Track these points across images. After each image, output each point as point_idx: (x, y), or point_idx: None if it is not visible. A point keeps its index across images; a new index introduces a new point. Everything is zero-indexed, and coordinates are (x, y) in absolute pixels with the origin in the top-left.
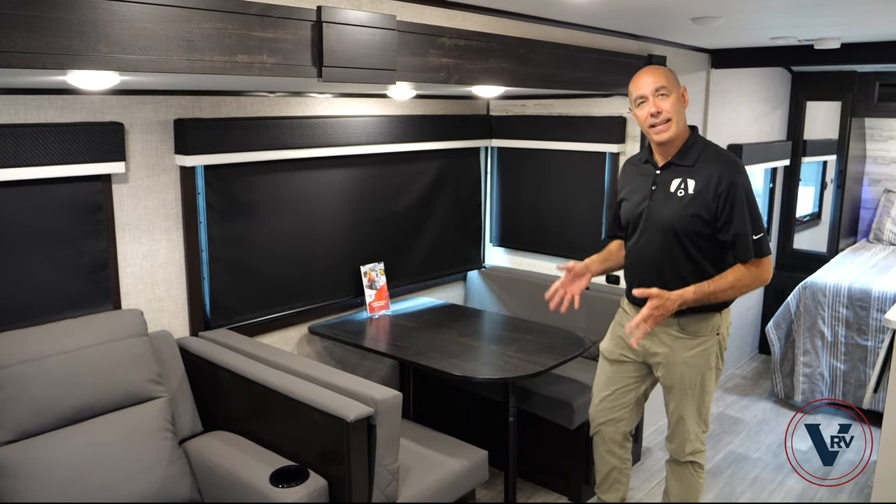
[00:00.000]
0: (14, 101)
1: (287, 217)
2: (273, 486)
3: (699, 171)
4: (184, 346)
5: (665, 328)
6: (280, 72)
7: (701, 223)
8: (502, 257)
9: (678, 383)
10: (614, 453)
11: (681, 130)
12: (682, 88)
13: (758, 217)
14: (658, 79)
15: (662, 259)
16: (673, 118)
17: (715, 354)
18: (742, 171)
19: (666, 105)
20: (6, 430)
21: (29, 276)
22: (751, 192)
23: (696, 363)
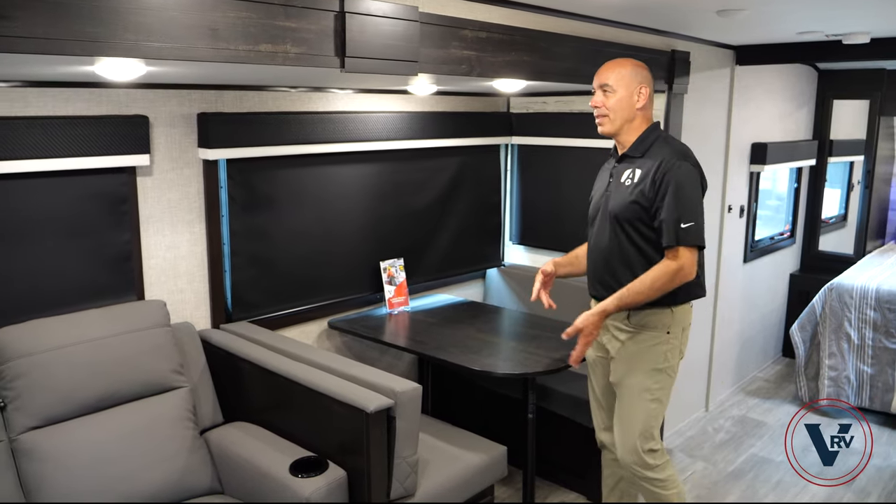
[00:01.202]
0: (43, 94)
1: (307, 212)
2: (293, 476)
3: (645, 161)
4: (205, 338)
5: (617, 323)
6: (303, 61)
7: (640, 210)
8: (522, 255)
9: (621, 381)
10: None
11: (619, 127)
12: (638, 87)
13: (690, 206)
14: (606, 76)
15: (612, 248)
16: (610, 115)
17: (663, 354)
18: (685, 161)
19: (605, 101)
20: (32, 415)
21: (55, 265)
22: (689, 181)
23: (641, 360)
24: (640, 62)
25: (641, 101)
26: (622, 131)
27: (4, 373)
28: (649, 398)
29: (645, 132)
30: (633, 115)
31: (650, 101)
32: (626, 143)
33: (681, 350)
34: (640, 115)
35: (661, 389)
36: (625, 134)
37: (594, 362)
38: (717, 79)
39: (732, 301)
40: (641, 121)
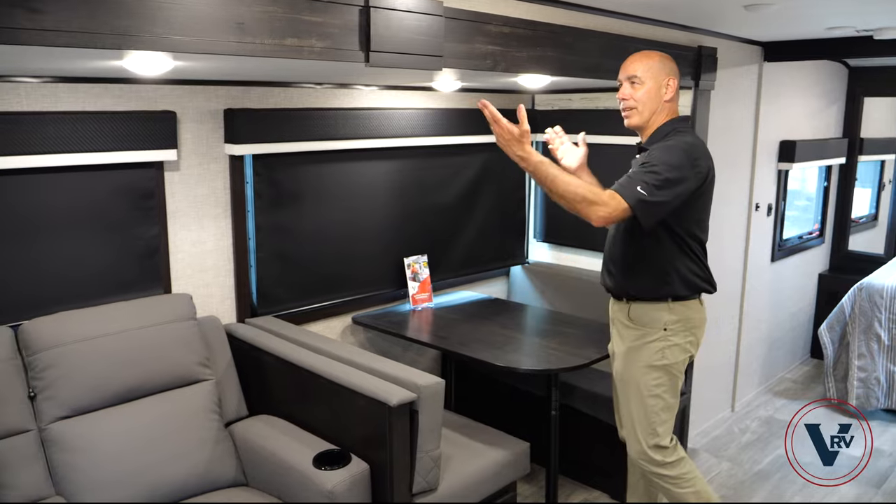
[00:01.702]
0: (75, 90)
1: (332, 207)
2: (316, 468)
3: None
4: (231, 332)
5: (619, 317)
6: (328, 56)
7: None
8: (546, 253)
9: (620, 376)
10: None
11: (647, 119)
12: (666, 79)
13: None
14: (634, 67)
15: (615, 240)
16: (638, 107)
17: (658, 352)
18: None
19: (634, 93)
20: (61, 405)
21: (84, 258)
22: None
23: (636, 356)
24: (667, 54)
25: (669, 93)
26: (649, 125)
27: (34, 363)
28: (647, 395)
29: (664, 125)
30: (660, 108)
31: (677, 94)
32: (646, 135)
33: (686, 349)
34: (667, 107)
35: (660, 387)
36: (650, 127)
37: (613, 356)
38: (745, 75)
39: (759, 301)
40: (667, 114)
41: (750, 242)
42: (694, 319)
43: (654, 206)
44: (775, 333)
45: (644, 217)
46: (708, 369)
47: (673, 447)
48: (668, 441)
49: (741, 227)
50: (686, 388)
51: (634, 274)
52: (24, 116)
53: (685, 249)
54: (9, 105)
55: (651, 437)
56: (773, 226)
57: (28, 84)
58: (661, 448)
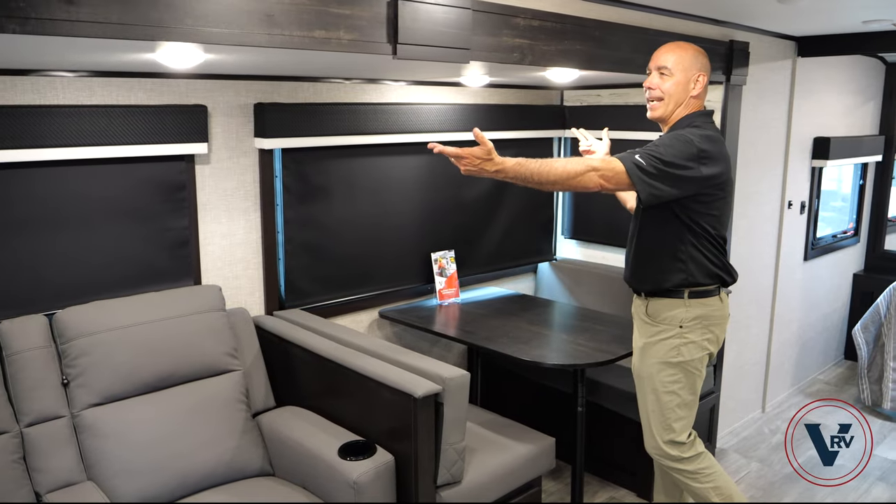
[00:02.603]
0: (108, 84)
1: (360, 202)
2: (341, 458)
3: None
4: (259, 324)
5: (639, 313)
6: (356, 48)
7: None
8: (574, 250)
9: (636, 371)
10: None
11: (671, 112)
12: (696, 74)
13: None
14: (665, 58)
15: (633, 232)
16: (664, 99)
17: (675, 349)
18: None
19: (661, 84)
20: (94, 392)
21: (116, 248)
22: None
23: (651, 352)
24: (702, 49)
25: (697, 89)
26: (672, 118)
27: (68, 351)
28: (662, 391)
29: (682, 118)
30: (686, 102)
31: (705, 91)
32: (666, 129)
33: (703, 346)
34: (693, 103)
35: (676, 383)
36: (673, 120)
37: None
38: (778, 70)
39: (791, 300)
40: (691, 109)
41: (782, 240)
42: (713, 317)
43: (650, 178)
44: (808, 334)
45: (640, 185)
46: (738, 369)
47: (690, 443)
48: (684, 437)
49: (773, 225)
50: (715, 387)
51: (650, 267)
52: (61, 109)
53: (702, 243)
54: (46, 98)
55: (666, 433)
56: (807, 224)
57: (64, 78)
58: (676, 444)
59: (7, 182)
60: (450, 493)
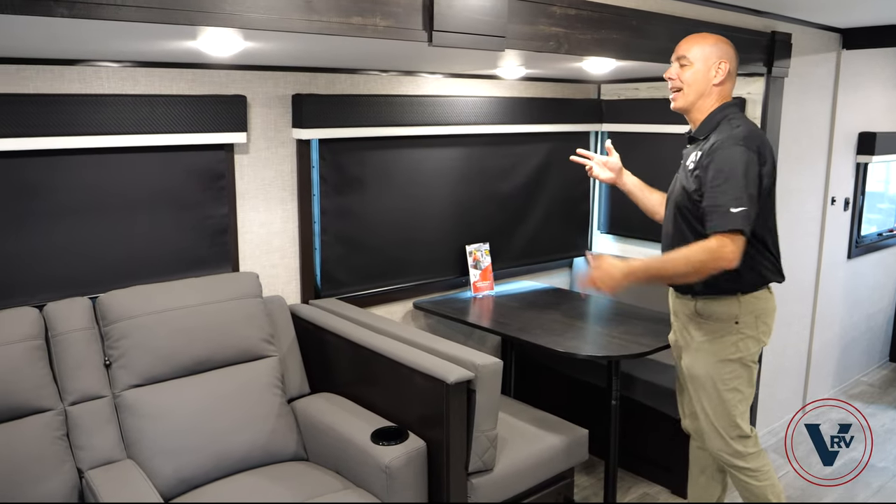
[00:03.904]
0: (151, 74)
1: (395, 193)
2: (374, 443)
3: (705, 144)
4: (295, 312)
5: (686, 311)
6: (392, 35)
7: (695, 196)
8: (610, 245)
9: (690, 371)
10: (706, 451)
11: (693, 103)
12: (717, 61)
13: (739, 190)
14: (684, 48)
15: (675, 235)
16: (684, 89)
17: (733, 345)
18: (739, 144)
19: (681, 74)
20: (134, 374)
21: (158, 235)
22: (732, 165)
23: (709, 351)
24: (723, 38)
25: (719, 76)
26: (695, 109)
27: (110, 333)
28: (724, 389)
29: (713, 112)
30: (708, 91)
31: (730, 79)
32: (696, 123)
33: (759, 339)
34: (717, 92)
35: (737, 379)
36: (696, 112)
37: (675, 347)
38: (821, 63)
39: (834, 299)
40: (717, 100)
41: (825, 238)
42: (766, 309)
43: (754, 212)
44: (850, 334)
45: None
46: (778, 368)
47: (753, 438)
48: (749, 430)
49: (815, 222)
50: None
51: None
52: (105, 98)
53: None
54: (91, 88)
55: (734, 430)
56: (850, 221)
57: (109, 68)
58: (743, 438)
59: (54, 169)
60: (481, 480)
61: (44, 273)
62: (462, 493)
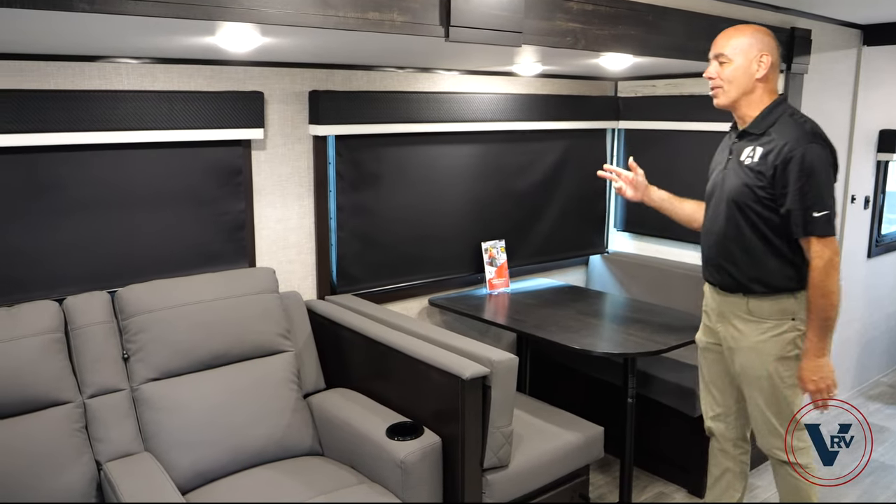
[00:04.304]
0: (169, 70)
1: (411, 190)
2: (389, 438)
3: (767, 140)
4: (311, 308)
5: (735, 311)
6: (408, 30)
7: (760, 193)
8: (627, 243)
9: (745, 371)
10: (728, 453)
11: (735, 99)
12: (758, 55)
13: (821, 193)
14: (722, 44)
15: (729, 233)
16: (724, 86)
17: (791, 342)
18: (813, 143)
19: (721, 72)
20: (152, 368)
21: (176, 230)
22: (819, 165)
23: (765, 350)
24: (763, 28)
25: (762, 70)
26: (740, 104)
27: (128, 327)
28: (783, 386)
29: (769, 106)
30: (751, 87)
31: (773, 71)
32: (747, 118)
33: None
34: (761, 86)
35: (794, 376)
36: (744, 107)
37: (705, 348)
38: (842, 60)
39: (853, 298)
40: (763, 93)
41: (844, 236)
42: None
43: (832, 218)
44: (870, 333)
45: (833, 230)
46: None
47: (805, 432)
48: (803, 426)
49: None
50: None
51: (762, 269)
52: (125, 94)
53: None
54: (111, 84)
55: (792, 424)
56: (871, 220)
57: (129, 64)
58: (800, 431)
59: (75, 164)
60: (496, 476)
61: (63, 267)
62: (477, 489)
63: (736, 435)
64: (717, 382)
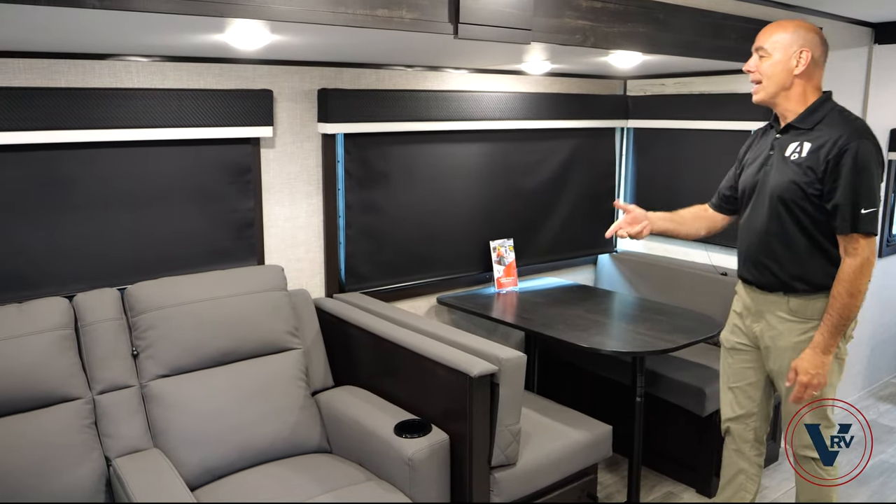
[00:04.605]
0: (178, 68)
1: (419, 188)
2: (397, 436)
3: (816, 136)
4: (319, 306)
5: (774, 310)
6: (417, 27)
7: (808, 189)
8: (635, 242)
9: (783, 370)
10: (744, 454)
11: (774, 95)
12: (797, 50)
13: (869, 190)
14: (762, 38)
15: (771, 229)
16: (763, 81)
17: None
18: (864, 140)
19: (759, 65)
20: (161, 364)
21: (185, 227)
22: (871, 162)
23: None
24: (808, 24)
25: (801, 66)
26: (780, 100)
27: (138, 323)
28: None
29: (815, 102)
30: (789, 82)
31: (815, 67)
32: (789, 113)
33: (848, 334)
34: (801, 82)
35: (832, 375)
36: (784, 103)
37: (732, 348)
38: (852, 58)
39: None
40: (806, 89)
41: None
42: None
43: (877, 216)
44: (881, 335)
45: (876, 227)
46: None
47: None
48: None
49: None
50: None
51: (806, 267)
52: (135, 92)
53: None
54: (121, 82)
55: (825, 422)
56: (882, 219)
57: (139, 62)
58: (830, 428)
59: (84, 161)
60: (504, 474)
61: (74, 264)
62: (485, 487)
63: (754, 437)
64: (740, 384)
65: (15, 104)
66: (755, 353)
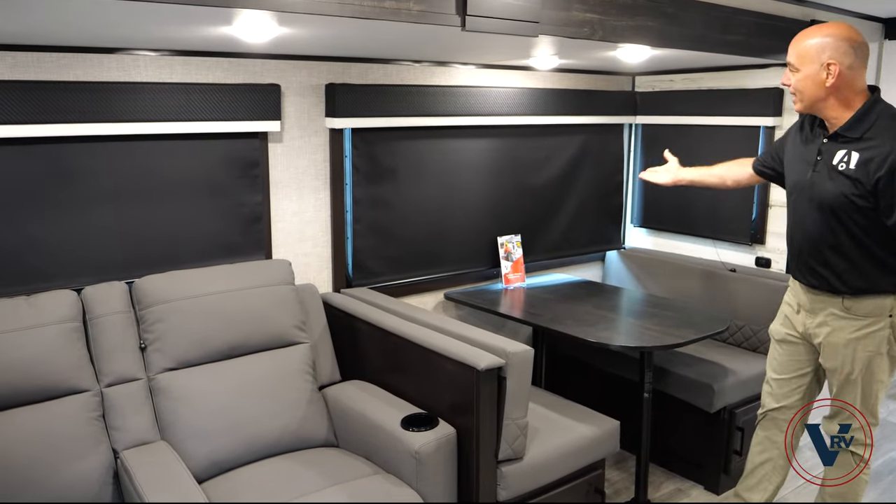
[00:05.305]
0: (187, 63)
1: (427, 184)
2: (404, 429)
3: (864, 146)
4: (326, 300)
5: (829, 307)
6: (425, 19)
7: (859, 202)
8: (644, 238)
9: (839, 367)
10: (776, 443)
11: (811, 107)
12: (825, 63)
13: None
14: (790, 51)
15: (823, 236)
16: (797, 95)
17: (887, 340)
18: None
19: (791, 81)
20: (169, 357)
21: (193, 221)
22: None
23: (862, 346)
24: (837, 28)
25: (831, 79)
26: (820, 109)
27: (145, 317)
28: (873, 381)
29: (862, 109)
30: (823, 94)
31: (852, 72)
32: (834, 120)
33: None
34: (838, 91)
35: (884, 372)
36: (825, 111)
37: (783, 340)
38: None
39: None
40: (847, 95)
41: None
42: None
43: None
44: None
45: None
46: None
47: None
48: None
49: None
50: None
51: (863, 277)
52: (143, 86)
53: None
54: (130, 76)
55: (872, 418)
56: None
57: (147, 56)
58: (874, 426)
59: (92, 155)
60: (511, 468)
61: (82, 257)
62: (491, 481)
63: (790, 429)
64: (785, 375)
65: (24, 97)
66: (804, 346)
